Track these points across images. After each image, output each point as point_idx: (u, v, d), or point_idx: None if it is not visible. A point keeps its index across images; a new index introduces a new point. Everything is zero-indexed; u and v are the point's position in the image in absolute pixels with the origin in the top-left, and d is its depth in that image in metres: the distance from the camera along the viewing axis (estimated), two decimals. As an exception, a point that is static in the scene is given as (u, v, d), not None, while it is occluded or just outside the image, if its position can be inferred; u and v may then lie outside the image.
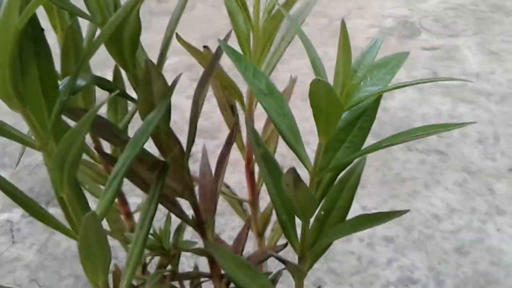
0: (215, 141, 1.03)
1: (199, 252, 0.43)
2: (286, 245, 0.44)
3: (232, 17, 0.46)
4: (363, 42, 1.37)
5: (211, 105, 0.75)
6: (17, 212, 0.94)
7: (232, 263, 0.40)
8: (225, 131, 0.47)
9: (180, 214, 0.41)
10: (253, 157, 0.51)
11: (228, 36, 0.39)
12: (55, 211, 0.94)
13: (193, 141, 0.38)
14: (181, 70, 0.88)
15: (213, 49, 0.47)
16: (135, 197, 0.60)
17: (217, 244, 0.43)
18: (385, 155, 0.99)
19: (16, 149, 1.11)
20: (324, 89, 0.26)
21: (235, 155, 0.52)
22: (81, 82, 0.33)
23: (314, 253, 0.36)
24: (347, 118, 0.32)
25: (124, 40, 0.32)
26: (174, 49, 0.40)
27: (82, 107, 0.41)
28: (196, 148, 0.41)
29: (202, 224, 0.43)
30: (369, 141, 0.32)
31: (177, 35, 0.40)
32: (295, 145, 0.32)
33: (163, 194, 0.37)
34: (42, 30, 0.26)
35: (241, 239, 0.50)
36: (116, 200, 0.50)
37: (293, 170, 0.26)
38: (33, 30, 0.26)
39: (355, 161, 0.36)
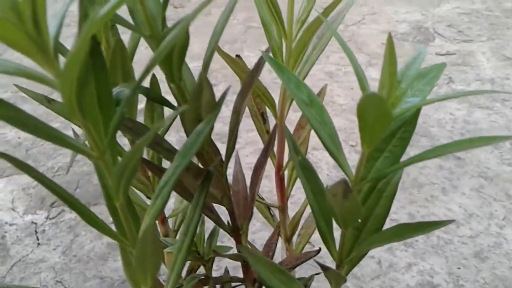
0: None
1: (235, 257, 0.44)
2: (319, 251, 0.46)
3: (265, 27, 0.47)
4: (378, 48, 1.38)
5: (229, 110, 0.77)
6: (41, 214, 0.96)
7: (266, 268, 0.42)
8: (244, 136, 0.48)
9: (217, 220, 0.42)
10: (283, 163, 0.53)
11: (269, 48, 0.41)
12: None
13: (233, 149, 0.39)
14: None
15: (231, 54, 0.48)
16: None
17: (251, 250, 0.45)
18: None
19: (39, 152, 1.13)
20: (376, 102, 0.27)
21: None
22: (124, 91, 0.34)
23: (351, 260, 0.37)
24: (389, 128, 0.33)
25: (173, 54, 0.33)
26: (191, 55, 0.42)
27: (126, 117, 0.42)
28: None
29: (238, 230, 0.44)
30: (408, 151, 0.33)
31: (218, 48, 0.42)
32: (336, 153, 0.34)
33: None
34: (99, 43, 0.28)
35: (271, 244, 0.52)
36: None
37: (344, 182, 0.27)
38: (91, 43, 0.28)
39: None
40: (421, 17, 1.53)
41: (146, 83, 0.37)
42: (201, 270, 0.51)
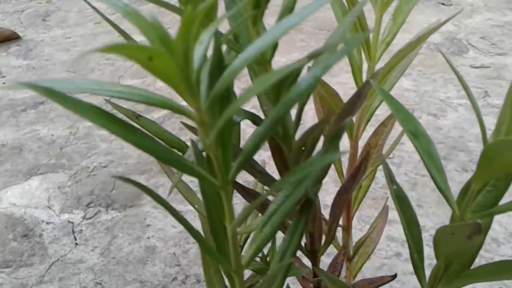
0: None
1: (310, 279, 0.44)
2: (395, 276, 0.45)
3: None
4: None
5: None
6: (78, 214, 0.96)
7: (342, 291, 0.41)
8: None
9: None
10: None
11: (376, 73, 0.40)
12: (116, 214, 0.96)
13: (324, 175, 0.39)
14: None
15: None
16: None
17: (328, 273, 0.44)
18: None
19: (73, 151, 1.13)
20: (507, 146, 0.27)
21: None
22: (237, 118, 0.34)
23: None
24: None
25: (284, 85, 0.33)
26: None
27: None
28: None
29: (316, 252, 0.44)
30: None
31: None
32: (443, 187, 0.33)
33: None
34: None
35: (336, 264, 0.51)
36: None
37: (478, 225, 0.27)
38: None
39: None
40: (453, 28, 1.52)
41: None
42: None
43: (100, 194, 1.00)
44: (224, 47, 0.34)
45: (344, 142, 0.45)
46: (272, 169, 0.38)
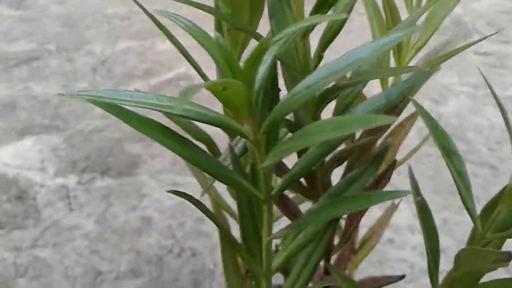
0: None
1: (321, 274, 0.44)
2: (403, 276, 0.46)
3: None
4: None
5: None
6: (72, 179, 0.95)
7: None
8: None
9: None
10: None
11: (406, 102, 0.39)
12: (112, 182, 0.95)
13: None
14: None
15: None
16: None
17: (339, 270, 0.45)
18: (438, 164, 1.00)
19: (68, 112, 1.11)
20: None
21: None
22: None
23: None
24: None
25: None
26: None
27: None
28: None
29: (330, 251, 0.44)
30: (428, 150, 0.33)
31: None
32: (470, 206, 0.33)
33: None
34: (279, 90, 0.27)
35: (343, 258, 0.52)
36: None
37: (508, 256, 0.27)
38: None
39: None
40: (460, 11, 1.50)
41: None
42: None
43: (96, 160, 0.99)
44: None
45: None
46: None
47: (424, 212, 0.37)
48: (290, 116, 0.34)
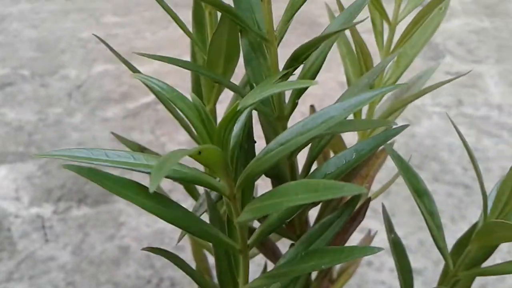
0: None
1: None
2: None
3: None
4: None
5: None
6: (48, 208, 0.94)
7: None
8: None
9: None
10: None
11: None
12: (88, 210, 0.94)
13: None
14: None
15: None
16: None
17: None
18: (414, 184, 1.02)
19: (43, 139, 1.09)
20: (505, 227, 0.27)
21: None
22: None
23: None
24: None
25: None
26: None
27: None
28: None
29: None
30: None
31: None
32: (442, 245, 0.34)
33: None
34: (255, 142, 0.27)
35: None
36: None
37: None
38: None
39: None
40: (431, 31, 1.54)
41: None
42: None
43: (72, 187, 0.98)
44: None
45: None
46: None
47: (398, 249, 0.38)
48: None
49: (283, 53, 0.34)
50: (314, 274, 0.59)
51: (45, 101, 1.21)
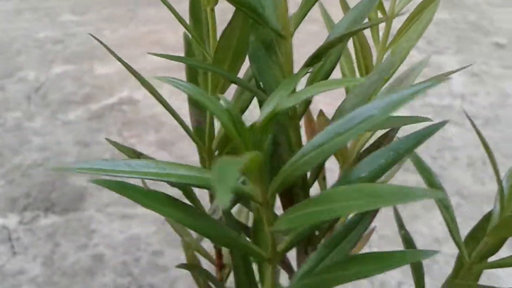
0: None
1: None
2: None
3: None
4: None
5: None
6: (13, 218, 0.89)
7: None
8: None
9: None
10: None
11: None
12: (57, 219, 0.89)
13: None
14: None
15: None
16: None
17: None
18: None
19: (3, 145, 1.03)
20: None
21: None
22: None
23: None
24: None
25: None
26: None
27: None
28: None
29: None
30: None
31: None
32: (457, 237, 0.34)
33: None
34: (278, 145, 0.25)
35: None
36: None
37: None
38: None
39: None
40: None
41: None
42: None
43: (38, 196, 0.93)
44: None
45: (332, 166, 0.44)
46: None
47: (409, 244, 0.37)
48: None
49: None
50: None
51: (2, 105, 1.15)
